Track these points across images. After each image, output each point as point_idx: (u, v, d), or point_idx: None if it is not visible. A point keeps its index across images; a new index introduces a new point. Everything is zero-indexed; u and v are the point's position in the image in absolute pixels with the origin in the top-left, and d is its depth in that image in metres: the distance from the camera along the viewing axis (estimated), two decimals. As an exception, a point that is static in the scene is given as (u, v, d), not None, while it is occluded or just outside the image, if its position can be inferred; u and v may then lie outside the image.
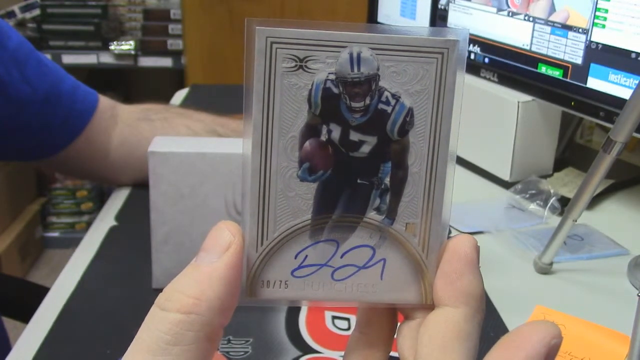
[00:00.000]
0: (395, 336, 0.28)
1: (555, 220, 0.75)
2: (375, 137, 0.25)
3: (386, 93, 0.25)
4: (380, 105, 0.25)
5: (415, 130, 0.25)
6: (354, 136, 0.25)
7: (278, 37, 0.24)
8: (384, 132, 0.25)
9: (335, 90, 0.24)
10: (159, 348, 0.23)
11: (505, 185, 0.87)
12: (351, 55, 0.24)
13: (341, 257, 0.26)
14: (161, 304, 0.24)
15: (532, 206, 0.81)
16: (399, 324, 0.28)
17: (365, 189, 0.25)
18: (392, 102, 0.25)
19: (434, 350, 0.24)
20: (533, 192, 0.83)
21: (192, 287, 0.24)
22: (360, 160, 0.25)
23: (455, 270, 0.25)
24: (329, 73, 0.24)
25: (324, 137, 0.25)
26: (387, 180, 0.25)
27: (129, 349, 0.24)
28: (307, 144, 0.25)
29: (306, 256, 0.26)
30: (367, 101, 0.25)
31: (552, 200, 0.80)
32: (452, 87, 0.25)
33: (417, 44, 0.24)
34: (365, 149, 0.25)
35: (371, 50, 0.24)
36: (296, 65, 0.24)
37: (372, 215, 0.26)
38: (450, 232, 0.52)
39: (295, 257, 0.26)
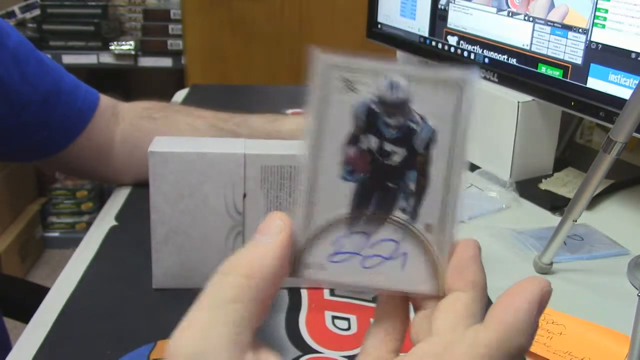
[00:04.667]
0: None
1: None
2: (404, 149, 0.30)
3: (416, 115, 0.30)
4: (411, 124, 0.30)
5: (437, 146, 0.30)
6: (388, 147, 0.30)
7: (334, 64, 0.29)
8: (412, 146, 0.30)
9: (376, 109, 0.30)
10: (219, 304, 0.27)
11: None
12: (390, 82, 0.30)
13: (370, 247, 0.30)
14: (224, 271, 0.28)
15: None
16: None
17: (394, 191, 0.30)
18: (420, 122, 0.30)
19: (447, 326, 0.28)
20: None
21: (252, 258, 0.28)
22: (391, 168, 0.30)
23: (464, 263, 0.30)
24: (372, 95, 0.30)
25: (364, 146, 0.30)
26: (412, 186, 0.30)
27: (190, 309, 0.27)
28: (350, 150, 0.30)
29: (342, 245, 0.30)
30: (401, 120, 0.30)
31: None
32: (468, 113, 0.30)
33: (441, 77, 0.30)
34: (396, 158, 0.30)
35: (406, 79, 0.30)
36: (346, 87, 0.30)
37: (398, 214, 0.30)
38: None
39: (333, 245, 0.30)
